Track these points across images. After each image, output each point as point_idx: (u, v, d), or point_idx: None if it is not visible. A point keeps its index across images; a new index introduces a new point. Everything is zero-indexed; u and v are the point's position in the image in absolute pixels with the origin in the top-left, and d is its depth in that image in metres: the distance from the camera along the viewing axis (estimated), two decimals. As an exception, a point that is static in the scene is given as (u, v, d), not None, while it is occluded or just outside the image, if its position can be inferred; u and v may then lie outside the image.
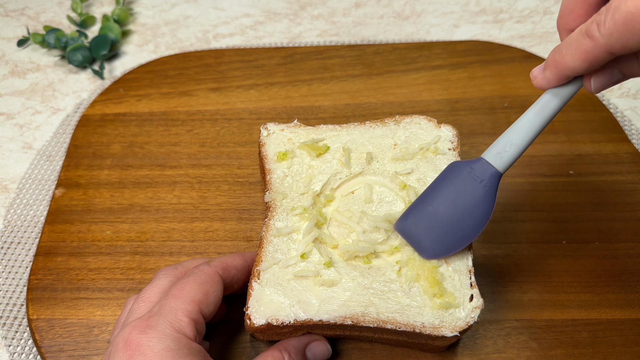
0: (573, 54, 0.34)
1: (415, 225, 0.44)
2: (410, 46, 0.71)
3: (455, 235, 0.43)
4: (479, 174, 0.41)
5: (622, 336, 0.48)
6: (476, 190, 0.41)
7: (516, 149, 0.40)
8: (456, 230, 0.42)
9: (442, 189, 0.43)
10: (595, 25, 0.32)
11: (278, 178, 0.50)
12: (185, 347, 0.37)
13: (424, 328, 0.41)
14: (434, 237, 0.43)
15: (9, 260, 0.56)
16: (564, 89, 0.38)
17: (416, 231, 0.44)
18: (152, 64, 0.71)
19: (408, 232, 0.44)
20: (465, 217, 0.42)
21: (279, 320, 0.41)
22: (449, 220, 0.42)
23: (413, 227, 0.44)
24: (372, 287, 0.43)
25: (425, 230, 0.43)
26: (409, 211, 0.45)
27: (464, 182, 0.42)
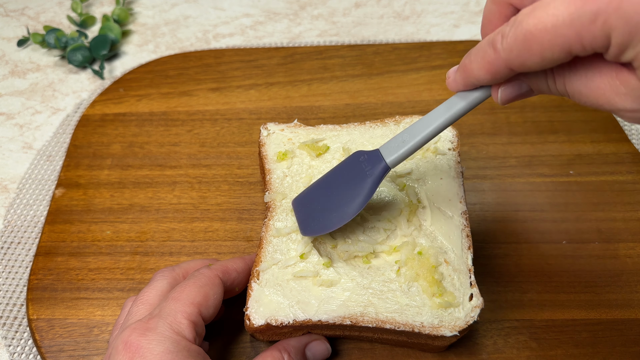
0: (478, 63, 0.33)
1: (304, 202, 0.46)
2: (410, 46, 0.71)
3: (329, 217, 0.43)
4: (369, 164, 0.42)
5: (622, 336, 0.48)
6: (362, 178, 0.42)
7: (407, 147, 0.40)
8: (332, 211, 0.43)
9: (335, 173, 0.45)
10: (499, 36, 0.30)
11: (278, 178, 0.50)
12: (184, 349, 0.37)
13: (423, 328, 0.41)
14: (313, 215, 0.44)
15: (9, 260, 0.56)
16: (471, 94, 0.37)
17: (303, 208, 0.45)
18: (152, 64, 0.71)
19: (298, 207, 0.46)
20: (344, 201, 0.43)
21: (278, 321, 0.41)
22: (330, 201, 0.43)
23: (302, 203, 0.46)
24: (371, 287, 0.43)
25: (309, 207, 0.45)
26: (307, 189, 0.46)
27: (354, 168, 0.43)
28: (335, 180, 0.44)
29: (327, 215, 0.43)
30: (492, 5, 0.34)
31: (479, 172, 0.58)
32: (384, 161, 0.41)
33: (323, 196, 0.44)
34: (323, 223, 0.43)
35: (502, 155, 0.60)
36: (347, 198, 0.43)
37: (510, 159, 0.59)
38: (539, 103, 0.64)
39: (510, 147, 0.60)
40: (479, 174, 0.58)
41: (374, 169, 0.42)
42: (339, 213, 0.43)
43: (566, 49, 0.27)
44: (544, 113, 0.63)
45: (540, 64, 0.29)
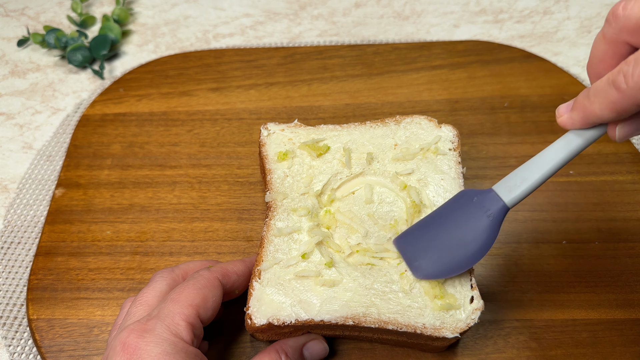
0: (601, 103, 0.33)
1: (414, 244, 0.44)
2: (410, 46, 0.71)
3: (451, 261, 0.42)
4: (487, 205, 0.41)
5: (622, 336, 0.48)
6: (481, 220, 0.41)
7: (528, 186, 0.39)
8: (453, 256, 0.42)
9: (447, 214, 0.43)
10: (622, 76, 0.30)
11: (278, 178, 0.50)
12: (182, 350, 0.37)
13: (424, 329, 0.41)
14: (430, 259, 0.43)
15: (9, 260, 0.56)
16: (588, 132, 0.37)
17: (413, 250, 0.44)
18: (152, 64, 0.71)
19: (406, 249, 0.44)
20: (465, 244, 0.41)
21: (280, 320, 0.41)
22: (448, 245, 0.42)
23: (411, 245, 0.44)
24: (374, 288, 0.43)
25: (422, 250, 0.43)
26: (411, 229, 0.45)
27: (470, 210, 0.42)
28: (449, 222, 0.42)
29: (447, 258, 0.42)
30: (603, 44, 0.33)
31: (479, 172, 0.58)
32: (502, 201, 0.40)
33: (437, 238, 0.43)
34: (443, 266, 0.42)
35: (502, 155, 0.60)
36: (468, 240, 0.41)
37: (510, 159, 0.59)
38: (538, 103, 0.64)
39: (510, 147, 0.60)
40: (479, 174, 0.58)
41: (495, 211, 0.40)
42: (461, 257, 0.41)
43: None
44: (544, 113, 0.63)
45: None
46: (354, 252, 0.46)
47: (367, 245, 0.46)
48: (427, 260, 0.43)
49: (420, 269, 0.43)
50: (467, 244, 0.41)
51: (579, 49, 0.72)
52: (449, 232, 0.42)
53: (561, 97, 0.65)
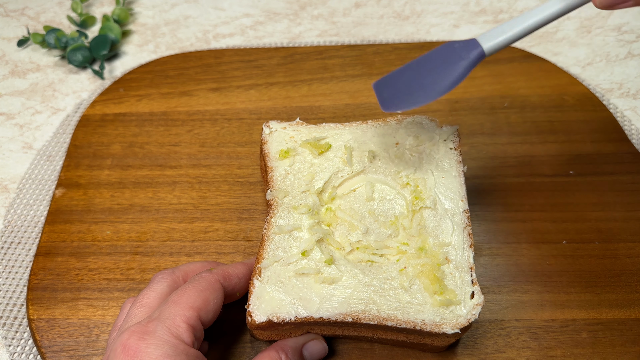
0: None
1: (388, 83, 0.45)
2: (410, 46, 0.71)
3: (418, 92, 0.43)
4: (466, 50, 0.42)
5: (622, 336, 0.48)
6: (454, 61, 0.42)
7: (508, 36, 0.41)
8: (418, 89, 0.43)
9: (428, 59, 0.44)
10: None
11: (280, 176, 0.50)
12: (182, 353, 0.37)
13: (424, 325, 0.41)
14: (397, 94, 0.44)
15: (9, 260, 0.56)
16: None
17: (386, 87, 0.45)
18: (152, 64, 0.71)
19: (379, 87, 0.45)
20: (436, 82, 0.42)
21: (279, 318, 0.41)
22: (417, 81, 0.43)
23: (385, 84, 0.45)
24: (373, 285, 0.43)
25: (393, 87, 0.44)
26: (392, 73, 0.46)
27: (449, 55, 0.43)
28: (425, 63, 0.44)
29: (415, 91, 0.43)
30: None
31: (479, 172, 0.58)
32: (481, 47, 0.42)
33: (410, 78, 0.44)
34: (408, 99, 0.43)
35: (502, 155, 0.60)
36: (437, 78, 0.42)
37: (510, 159, 0.60)
38: (538, 103, 0.64)
39: (510, 147, 0.60)
40: (478, 174, 0.58)
41: (470, 53, 0.42)
42: (426, 91, 0.42)
43: None
44: (544, 113, 0.63)
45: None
46: (354, 249, 0.46)
47: (367, 242, 0.46)
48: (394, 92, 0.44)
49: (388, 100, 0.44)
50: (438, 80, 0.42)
51: (579, 49, 0.73)
52: (425, 73, 0.43)
53: (561, 97, 0.65)
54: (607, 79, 0.69)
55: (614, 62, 0.71)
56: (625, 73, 0.70)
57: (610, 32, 0.74)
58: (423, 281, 0.43)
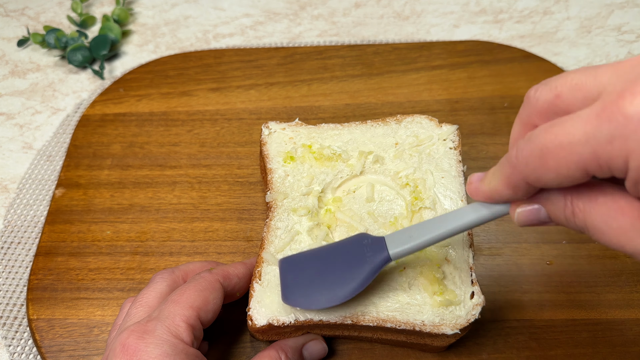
0: (499, 177, 0.32)
1: (293, 267, 0.43)
2: (410, 46, 0.71)
3: (320, 294, 0.40)
4: (372, 250, 0.40)
5: (622, 336, 0.48)
6: (360, 262, 0.40)
7: (412, 245, 0.38)
8: (322, 288, 0.41)
9: (334, 249, 0.42)
10: (514, 150, 0.29)
11: (279, 177, 0.50)
12: (182, 352, 0.37)
13: (424, 326, 0.41)
14: (300, 285, 0.41)
15: (9, 260, 0.56)
16: (491, 208, 0.35)
17: (290, 273, 0.42)
18: (152, 64, 0.71)
19: (285, 269, 0.43)
20: (337, 281, 0.40)
21: (280, 321, 0.41)
22: (321, 276, 0.41)
23: (290, 268, 0.43)
24: (372, 286, 0.43)
25: (297, 275, 0.42)
26: (300, 255, 0.43)
27: (358, 251, 0.41)
28: (333, 256, 0.42)
29: (316, 290, 0.41)
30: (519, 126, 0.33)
31: (479, 172, 0.58)
32: (387, 251, 0.39)
33: (316, 268, 0.42)
34: (310, 298, 0.41)
35: (502, 155, 0.60)
36: (341, 279, 0.40)
37: (510, 159, 0.59)
38: (539, 103, 0.64)
39: (510, 147, 0.60)
40: (479, 174, 0.58)
41: (375, 257, 0.40)
42: (329, 293, 0.40)
43: (582, 167, 0.26)
44: (544, 113, 0.63)
45: (556, 180, 0.28)
46: None
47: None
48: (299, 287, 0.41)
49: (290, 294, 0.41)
50: (342, 283, 0.40)
51: (579, 49, 0.73)
52: (331, 267, 0.41)
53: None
54: (607, 78, 0.69)
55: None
56: (625, 73, 0.69)
57: (610, 32, 0.74)
58: (422, 282, 0.43)
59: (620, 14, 0.76)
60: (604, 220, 0.28)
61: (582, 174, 0.27)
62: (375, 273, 0.40)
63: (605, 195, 0.28)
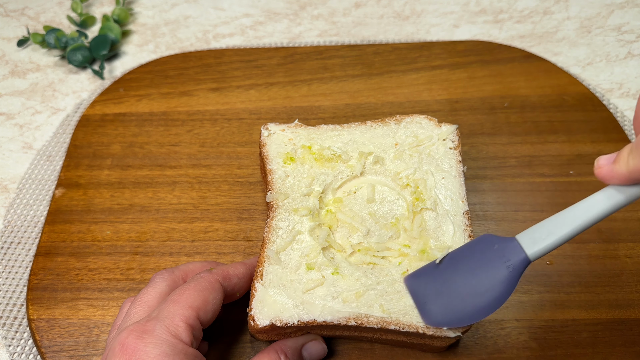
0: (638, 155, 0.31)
1: (426, 286, 0.41)
2: (410, 46, 0.71)
3: (463, 310, 0.39)
4: (507, 255, 0.38)
5: (622, 336, 0.48)
6: (499, 270, 0.38)
7: (554, 240, 0.36)
8: (466, 305, 0.39)
9: (464, 258, 0.40)
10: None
11: (279, 178, 0.49)
12: (181, 352, 0.37)
13: (427, 329, 0.41)
14: (441, 304, 0.40)
15: (9, 260, 0.56)
16: (631, 189, 0.34)
17: (425, 292, 0.41)
18: (152, 64, 0.71)
19: (417, 290, 0.42)
20: (480, 294, 0.38)
21: (282, 321, 0.41)
22: (462, 292, 0.39)
23: (423, 287, 0.42)
24: (376, 288, 0.43)
25: (434, 294, 0.41)
26: (423, 269, 0.43)
27: (488, 257, 0.39)
28: (465, 267, 0.40)
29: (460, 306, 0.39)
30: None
31: (479, 172, 0.58)
32: (525, 253, 0.37)
33: (450, 283, 0.40)
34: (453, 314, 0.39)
35: (502, 155, 0.60)
36: (480, 290, 0.38)
37: (510, 159, 0.60)
38: (538, 103, 0.64)
39: (510, 147, 0.60)
40: (479, 174, 0.58)
41: (516, 263, 0.37)
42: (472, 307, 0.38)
43: None
44: (544, 113, 0.63)
45: None
46: (356, 251, 0.46)
47: (369, 244, 0.46)
48: (438, 306, 0.40)
49: (431, 315, 0.41)
50: (482, 294, 0.38)
51: (579, 49, 0.72)
52: (464, 278, 0.39)
53: (561, 97, 0.65)
54: (607, 79, 0.69)
55: (614, 62, 0.71)
56: (625, 73, 0.70)
57: (610, 32, 0.74)
58: None
59: (620, 14, 0.76)
60: None
61: None
62: (517, 279, 0.37)
63: None
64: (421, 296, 0.42)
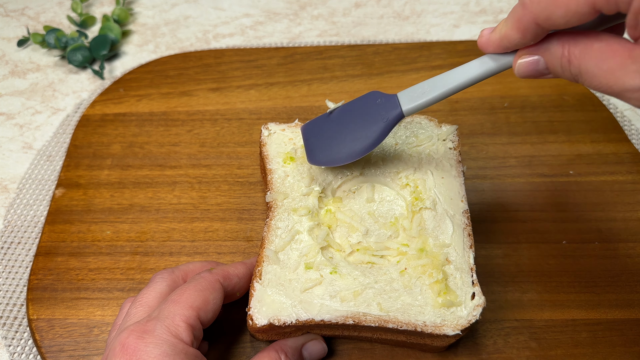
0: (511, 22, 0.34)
1: (317, 132, 0.47)
2: (410, 46, 0.71)
3: (340, 152, 0.45)
4: (386, 108, 0.43)
5: (622, 336, 0.48)
6: (376, 120, 0.43)
7: (427, 99, 0.41)
8: (344, 148, 0.44)
9: (352, 110, 0.45)
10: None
11: (279, 178, 0.49)
12: (181, 352, 0.37)
13: (425, 327, 0.41)
14: (325, 148, 0.46)
15: (9, 260, 0.56)
16: (502, 58, 0.37)
17: (313, 136, 0.47)
18: (152, 64, 0.71)
19: (308, 135, 0.48)
20: (357, 139, 0.44)
21: (281, 321, 0.41)
22: (344, 138, 0.45)
23: (314, 133, 0.47)
24: (374, 287, 0.43)
25: (321, 139, 0.46)
26: (318, 118, 0.48)
27: (371, 110, 0.44)
28: (349, 115, 0.45)
29: (336, 148, 0.45)
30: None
31: (479, 172, 0.58)
32: (400, 108, 0.42)
33: (334, 128, 0.46)
34: (331, 155, 0.45)
35: (502, 155, 0.60)
36: (358, 136, 0.44)
37: (510, 159, 0.60)
38: (538, 103, 0.64)
39: (510, 147, 0.60)
40: (479, 174, 0.58)
41: (389, 114, 0.42)
42: (347, 150, 0.44)
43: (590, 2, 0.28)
44: (544, 113, 0.63)
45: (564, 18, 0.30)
46: (355, 250, 0.46)
47: (368, 244, 0.46)
48: (323, 149, 0.46)
49: (314, 154, 0.46)
50: (358, 139, 0.44)
51: (579, 49, 0.72)
52: (347, 127, 0.45)
53: (561, 97, 0.65)
54: (607, 78, 0.69)
55: (614, 62, 0.71)
56: (625, 73, 0.69)
57: (611, 32, 0.74)
58: (428, 281, 0.43)
59: (620, 14, 0.76)
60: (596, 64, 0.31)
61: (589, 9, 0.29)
62: (389, 129, 0.43)
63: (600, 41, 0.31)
64: (311, 141, 0.47)
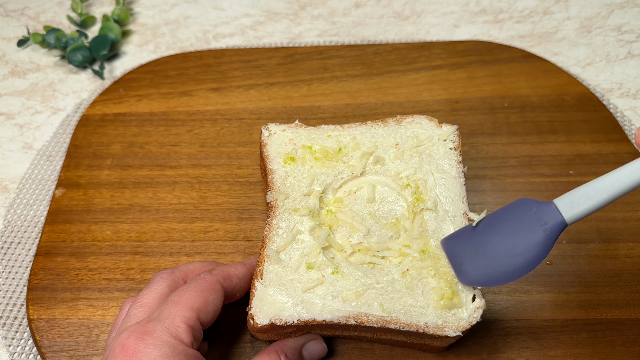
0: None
1: (462, 247, 0.43)
2: (410, 46, 0.71)
3: (499, 270, 0.40)
4: (545, 218, 0.39)
5: (622, 336, 0.48)
6: (536, 232, 0.39)
7: (592, 205, 0.37)
8: (501, 266, 0.40)
9: (501, 221, 0.41)
10: None
11: (280, 178, 0.49)
12: (181, 353, 0.37)
13: (427, 328, 0.41)
14: (477, 265, 0.41)
15: (9, 260, 0.56)
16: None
17: (461, 253, 0.42)
18: (152, 64, 0.71)
19: (453, 250, 0.43)
20: (515, 255, 0.39)
21: (282, 320, 0.41)
22: (498, 253, 0.40)
23: (459, 248, 0.43)
24: (376, 287, 0.43)
25: (470, 255, 0.42)
26: (460, 231, 0.44)
27: (526, 220, 0.40)
28: (499, 227, 0.41)
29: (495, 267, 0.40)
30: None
31: (479, 172, 0.58)
32: (562, 217, 0.38)
33: (487, 244, 0.41)
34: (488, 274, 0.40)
35: (502, 155, 0.60)
36: (515, 252, 0.39)
37: (510, 159, 0.60)
38: (538, 103, 0.64)
39: (510, 147, 0.60)
40: (479, 174, 0.58)
41: (552, 226, 0.38)
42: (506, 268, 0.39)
43: None
44: (544, 113, 0.63)
45: None
46: (356, 251, 0.46)
47: (369, 244, 0.46)
48: (474, 266, 0.41)
49: (467, 275, 0.42)
50: (517, 255, 0.39)
51: (579, 49, 0.73)
52: (500, 240, 0.40)
53: (561, 97, 0.65)
54: (607, 79, 0.69)
55: (614, 62, 0.71)
56: (625, 73, 0.70)
57: (610, 32, 0.74)
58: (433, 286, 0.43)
59: (620, 14, 0.76)
60: None
61: None
62: (552, 241, 0.38)
63: None
64: (457, 257, 0.43)
